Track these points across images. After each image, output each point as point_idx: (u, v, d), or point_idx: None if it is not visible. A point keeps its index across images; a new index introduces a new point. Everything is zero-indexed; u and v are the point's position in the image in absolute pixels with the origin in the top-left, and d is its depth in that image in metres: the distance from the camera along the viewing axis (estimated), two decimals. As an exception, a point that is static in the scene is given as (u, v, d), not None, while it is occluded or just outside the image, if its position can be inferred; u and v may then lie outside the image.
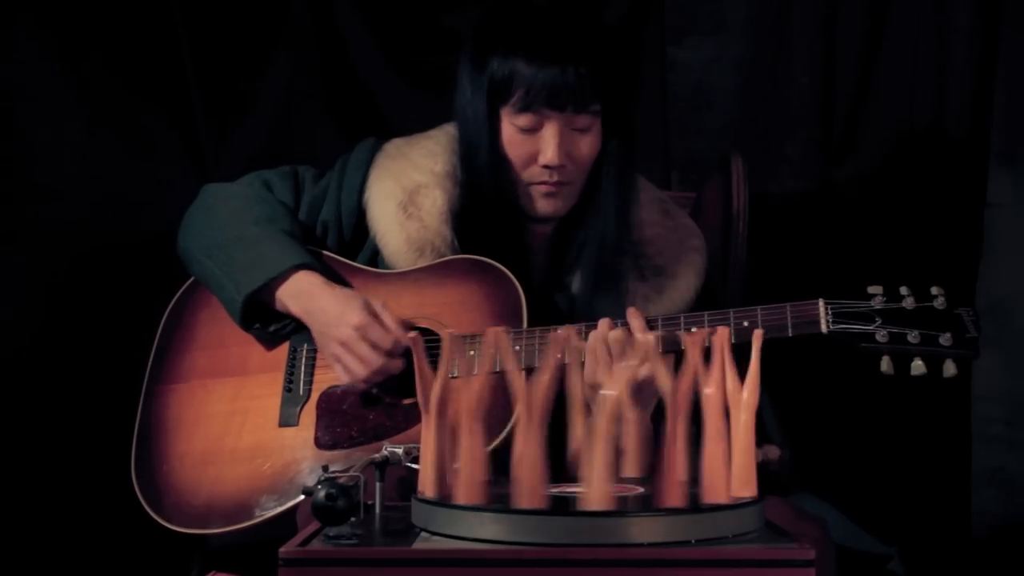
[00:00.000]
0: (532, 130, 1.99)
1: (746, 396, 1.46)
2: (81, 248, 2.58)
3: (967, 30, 2.61)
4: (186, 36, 2.64)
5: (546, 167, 1.99)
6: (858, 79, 2.67)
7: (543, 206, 2.02)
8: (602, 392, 1.40)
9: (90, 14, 2.58)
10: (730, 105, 2.70)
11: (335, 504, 1.38)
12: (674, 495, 1.40)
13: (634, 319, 1.91)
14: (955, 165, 2.63)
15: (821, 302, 1.88)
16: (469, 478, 1.42)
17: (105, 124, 2.61)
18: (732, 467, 1.45)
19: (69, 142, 2.59)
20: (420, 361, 1.52)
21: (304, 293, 2.01)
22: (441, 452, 1.48)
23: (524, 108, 1.97)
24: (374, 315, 1.98)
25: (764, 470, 1.53)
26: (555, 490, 1.49)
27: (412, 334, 1.56)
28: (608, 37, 2.05)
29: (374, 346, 1.97)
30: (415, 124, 2.24)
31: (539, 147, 1.98)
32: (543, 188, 2.01)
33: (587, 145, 2.00)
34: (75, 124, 2.60)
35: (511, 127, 2.00)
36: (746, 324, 1.87)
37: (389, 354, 1.97)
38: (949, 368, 1.83)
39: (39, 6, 2.56)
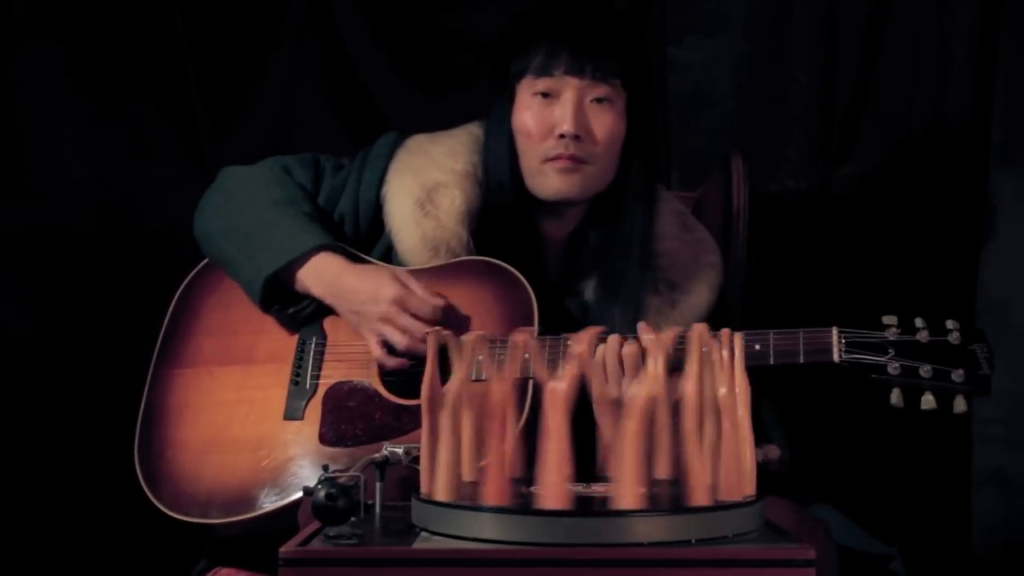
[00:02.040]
0: (550, 97, 1.99)
1: (724, 393, 1.45)
2: (81, 248, 2.58)
3: (967, 30, 2.61)
4: (186, 36, 2.64)
5: (562, 136, 1.97)
6: (858, 79, 2.67)
7: (558, 183, 2.00)
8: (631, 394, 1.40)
9: (90, 14, 2.59)
10: (730, 105, 2.70)
11: (335, 504, 1.38)
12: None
13: (645, 335, 1.87)
14: (955, 165, 2.63)
15: (835, 330, 1.85)
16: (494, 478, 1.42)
17: (105, 124, 2.61)
18: (728, 467, 1.45)
19: (69, 142, 2.59)
20: (431, 361, 1.52)
21: (329, 273, 2.01)
22: (442, 452, 1.48)
23: (543, 71, 1.98)
24: (407, 287, 1.98)
25: (764, 470, 1.53)
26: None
27: (427, 330, 1.56)
28: (630, 26, 2.06)
29: (415, 316, 1.97)
30: (415, 124, 2.24)
31: (556, 118, 1.98)
32: (559, 163, 1.99)
33: (607, 121, 1.99)
34: (75, 124, 2.60)
35: (529, 97, 2.01)
36: (758, 347, 1.85)
37: (431, 322, 1.97)
38: (959, 404, 1.81)
39: (39, 6, 2.56)
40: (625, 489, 1.37)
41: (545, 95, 1.99)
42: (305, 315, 2.05)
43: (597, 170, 2.01)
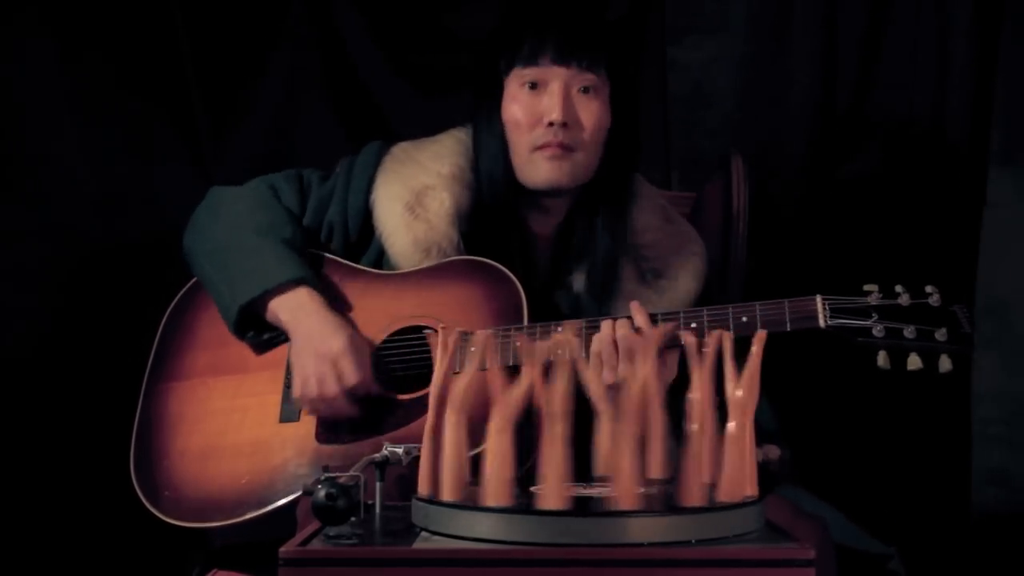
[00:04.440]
0: (538, 88, 2.02)
1: (742, 395, 1.45)
2: (81, 248, 2.58)
3: (967, 30, 2.61)
4: (186, 36, 2.64)
5: (551, 124, 2.00)
6: (858, 79, 2.67)
7: (547, 171, 2.02)
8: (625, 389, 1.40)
9: (90, 14, 2.59)
10: (730, 105, 2.70)
11: (335, 504, 1.38)
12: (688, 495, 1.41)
13: (638, 315, 1.91)
14: (955, 165, 2.63)
15: (819, 297, 1.89)
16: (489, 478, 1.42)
17: (105, 124, 2.61)
18: (729, 467, 1.45)
19: (69, 142, 2.59)
20: (440, 360, 1.52)
21: (299, 307, 2.02)
22: (440, 451, 1.48)
23: (530, 61, 2.02)
24: (355, 351, 1.98)
25: (764, 470, 1.53)
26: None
27: (440, 327, 1.56)
28: (614, 25, 2.09)
29: (339, 377, 1.96)
30: (415, 123, 2.25)
31: (544, 107, 2.01)
32: (548, 151, 2.02)
33: (594, 110, 2.02)
34: (75, 124, 2.60)
35: (517, 88, 2.04)
36: (745, 319, 1.88)
37: (348, 392, 1.97)
38: (944, 363, 1.84)
39: (40, 6, 2.56)
40: (623, 489, 1.37)
41: (533, 86, 2.03)
42: (279, 342, 2.06)
43: (585, 157, 2.04)
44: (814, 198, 2.69)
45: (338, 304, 2.06)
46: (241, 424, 2.04)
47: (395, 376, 2.02)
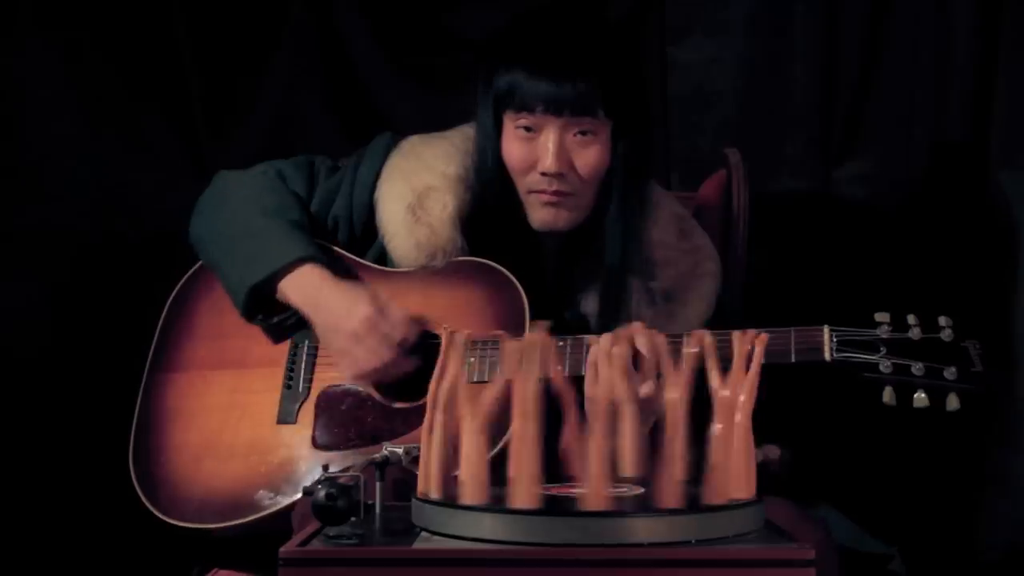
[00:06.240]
0: (532, 132, 1.98)
1: (743, 399, 1.46)
2: (81, 248, 2.59)
3: (967, 30, 2.61)
4: (186, 36, 2.64)
5: (544, 174, 1.97)
6: (858, 79, 2.67)
7: (542, 216, 2.00)
8: (668, 397, 1.41)
9: (90, 14, 2.59)
10: (730, 105, 2.70)
11: (335, 504, 1.38)
12: (673, 495, 1.41)
13: (640, 336, 1.83)
14: (955, 165, 2.63)
15: (826, 329, 1.85)
16: (471, 478, 1.43)
17: (105, 124, 2.62)
18: (729, 467, 1.45)
19: (69, 142, 2.59)
20: (443, 358, 1.52)
21: (309, 286, 2.00)
22: (443, 451, 1.48)
23: (523, 107, 1.96)
24: (382, 309, 1.97)
25: (764, 470, 1.53)
26: (554, 490, 1.49)
27: (443, 328, 1.56)
28: (616, 49, 2.04)
29: (385, 338, 1.96)
30: (414, 123, 2.24)
31: (539, 154, 1.97)
32: (543, 197, 1.99)
33: (592, 154, 1.98)
34: (75, 124, 2.60)
35: (512, 130, 1.99)
36: (748, 347, 1.85)
37: (398, 347, 1.96)
38: (952, 402, 1.80)
39: (40, 6, 2.56)
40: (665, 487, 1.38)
41: (528, 129, 1.98)
42: (289, 325, 2.05)
43: (583, 200, 2.01)
44: (814, 198, 2.68)
45: None
46: (238, 423, 2.03)
47: (396, 383, 2.01)
